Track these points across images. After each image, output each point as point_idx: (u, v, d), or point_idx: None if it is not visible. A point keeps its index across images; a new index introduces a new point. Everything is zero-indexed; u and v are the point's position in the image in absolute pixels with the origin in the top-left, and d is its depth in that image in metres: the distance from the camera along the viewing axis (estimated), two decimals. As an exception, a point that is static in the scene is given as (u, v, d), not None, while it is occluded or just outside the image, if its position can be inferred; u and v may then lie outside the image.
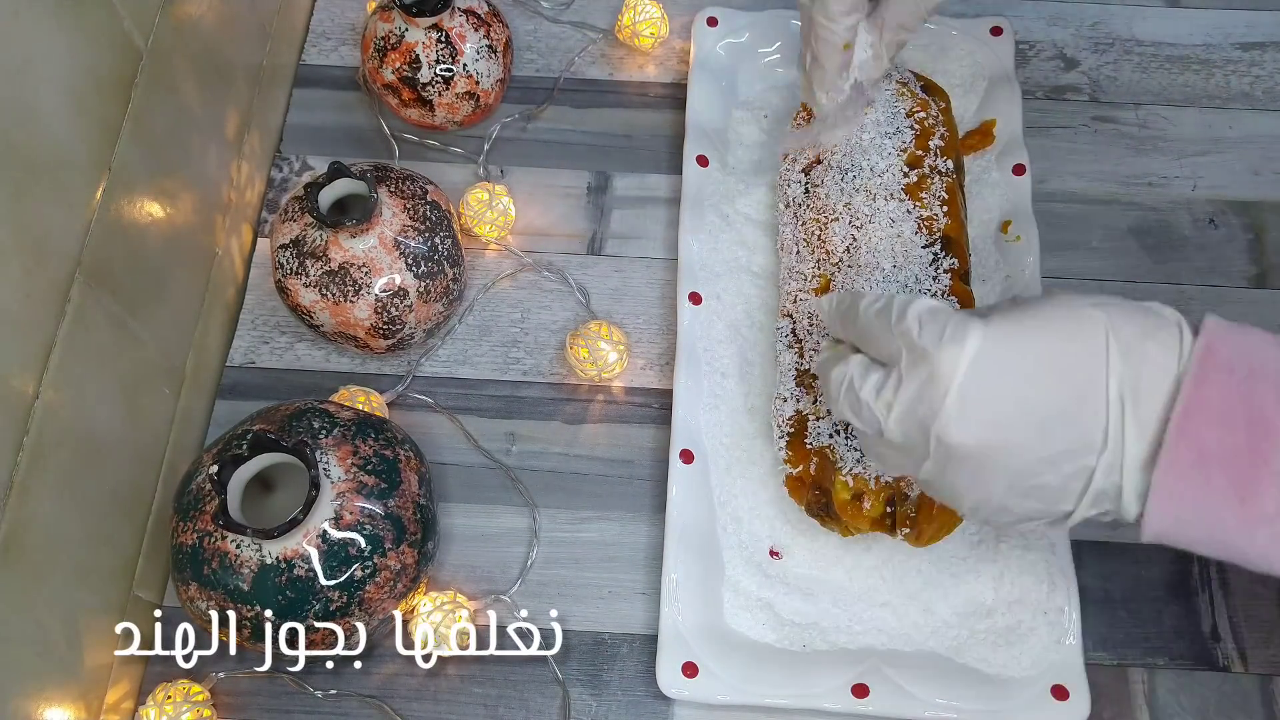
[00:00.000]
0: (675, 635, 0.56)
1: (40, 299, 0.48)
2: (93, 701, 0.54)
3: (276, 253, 0.61)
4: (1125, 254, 0.70)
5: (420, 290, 0.61)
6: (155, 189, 0.58)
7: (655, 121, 0.74)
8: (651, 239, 0.71)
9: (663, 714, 0.58)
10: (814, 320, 0.59)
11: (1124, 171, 0.72)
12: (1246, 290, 0.69)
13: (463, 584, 0.60)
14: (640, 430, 0.65)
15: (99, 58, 0.52)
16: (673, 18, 0.76)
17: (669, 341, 0.67)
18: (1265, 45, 0.77)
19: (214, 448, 0.54)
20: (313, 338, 0.67)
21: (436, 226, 0.61)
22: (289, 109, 0.75)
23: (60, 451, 0.50)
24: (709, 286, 0.66)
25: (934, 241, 0.58)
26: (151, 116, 0.57)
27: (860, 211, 0.59)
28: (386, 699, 0.58)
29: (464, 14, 0.68)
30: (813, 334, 0.59)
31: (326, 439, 0.53)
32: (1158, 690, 0.58)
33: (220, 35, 0.65)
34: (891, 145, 0.60)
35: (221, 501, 0.48)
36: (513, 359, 0.67)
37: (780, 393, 0.59)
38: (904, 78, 0.64)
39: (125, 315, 0.55)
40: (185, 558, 0.51)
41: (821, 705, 0.55)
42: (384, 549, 0.52)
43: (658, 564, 0.59)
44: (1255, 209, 0.71)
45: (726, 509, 0.61)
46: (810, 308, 0.59)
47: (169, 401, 0.61)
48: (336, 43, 0.78)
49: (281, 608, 0.50)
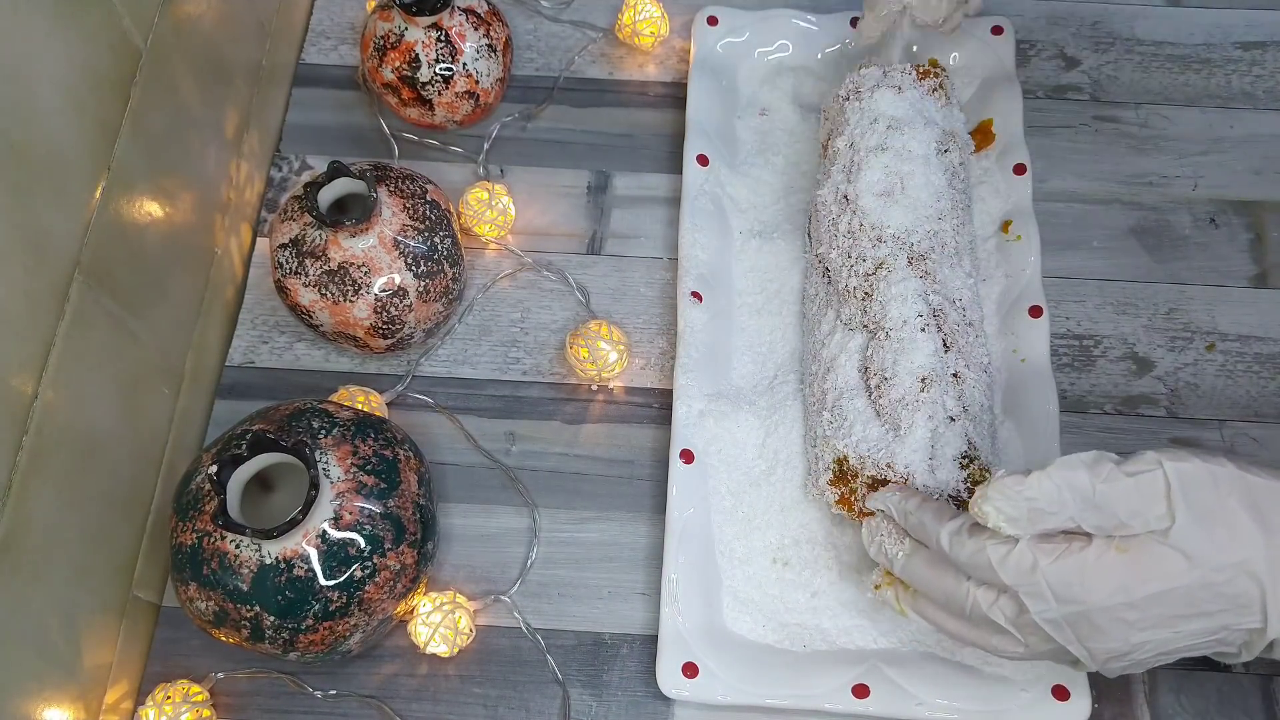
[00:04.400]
0: (675, 635, 0.56)
1: (39, 299, 0.48)
2: (92, 701, 0.54)
3: (276, 252, 0.61)
4: (1126, 254, 0.70)
5: (420, 290, 0.61)
6: (154, 188, 0.58)
7: (655, 121, 0.74)
8: (651, 238, 0.71)
9: (663, 714, 0.58)
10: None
11: (1125, 171, 0.72)
12: (1247, 290, 0.68)
13: (462, 584, 0.60)
14: (640, 430, 0.65)
15: (98, 57, 0.52)
16: (673, 17, 0.76)
17: (669, 341, 0.67)
18: (1266, 44, 0.77)
19: (213, 448, 0.54)
20: (312, 337, 0.67)
21: (436, 226, 0.61)
22: (288, 108, 0.75)
23: (59, 451, 0.50)
24: (710, 286, 0.66)
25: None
26: (151, 116, 0.57)
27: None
28: (386, 699, 0.58)
29: (464, 13, 0.68)
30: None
31: (326, 439, 0.53)
32: (1158, 690, 0.58)
33: (219, 34, 0.65)
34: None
35: (221, 501, 0.48)
36: (512, 359, 0.67)
37: (825, 432, 0.58)
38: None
39: (124, 315, 0.55)
40: (184, 558, 0.51)
41: (822, 705, 0.55)
42: (384, 549, 0.52)
43: (658, 564, 0.59)
44: (1256, 209, 0.71)
45: (728, 510, 0.61)
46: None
47: (168, 401, 0.61)
48: (336, 42, 0.77)
49: (281, 608, 0.50)
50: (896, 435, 0.54)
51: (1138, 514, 0.42)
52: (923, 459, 0.53)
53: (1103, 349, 0.67)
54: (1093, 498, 0.42)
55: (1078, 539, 0.43)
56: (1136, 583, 0.42)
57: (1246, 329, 0.67)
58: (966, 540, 0.46)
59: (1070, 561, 0.42)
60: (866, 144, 0.61)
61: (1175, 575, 0.41)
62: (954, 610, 0.47)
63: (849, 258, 0.60)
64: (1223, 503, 0.42)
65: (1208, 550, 0.41)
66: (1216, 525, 0.41)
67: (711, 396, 0.63)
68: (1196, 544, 0.41)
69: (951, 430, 0.54)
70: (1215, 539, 0.41)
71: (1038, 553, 0.43)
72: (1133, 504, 0.42)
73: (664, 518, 0.59)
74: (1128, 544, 0.42)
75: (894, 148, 0.61)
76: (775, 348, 0.66)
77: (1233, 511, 0.41)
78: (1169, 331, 0.67)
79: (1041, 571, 0.43)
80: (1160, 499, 0.42)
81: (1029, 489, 0.43)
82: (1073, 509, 0.42)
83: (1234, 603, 0.41)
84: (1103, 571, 0.42)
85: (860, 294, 0.59)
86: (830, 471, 0.56)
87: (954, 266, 0.60)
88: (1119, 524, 0.42)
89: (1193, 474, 0.42)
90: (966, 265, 0.61)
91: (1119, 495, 0.42)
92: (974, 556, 0.45)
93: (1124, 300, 0.68)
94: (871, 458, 0.54)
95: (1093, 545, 0.43)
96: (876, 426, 0.56)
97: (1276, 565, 0.41)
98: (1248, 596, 0.41)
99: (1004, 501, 0.43)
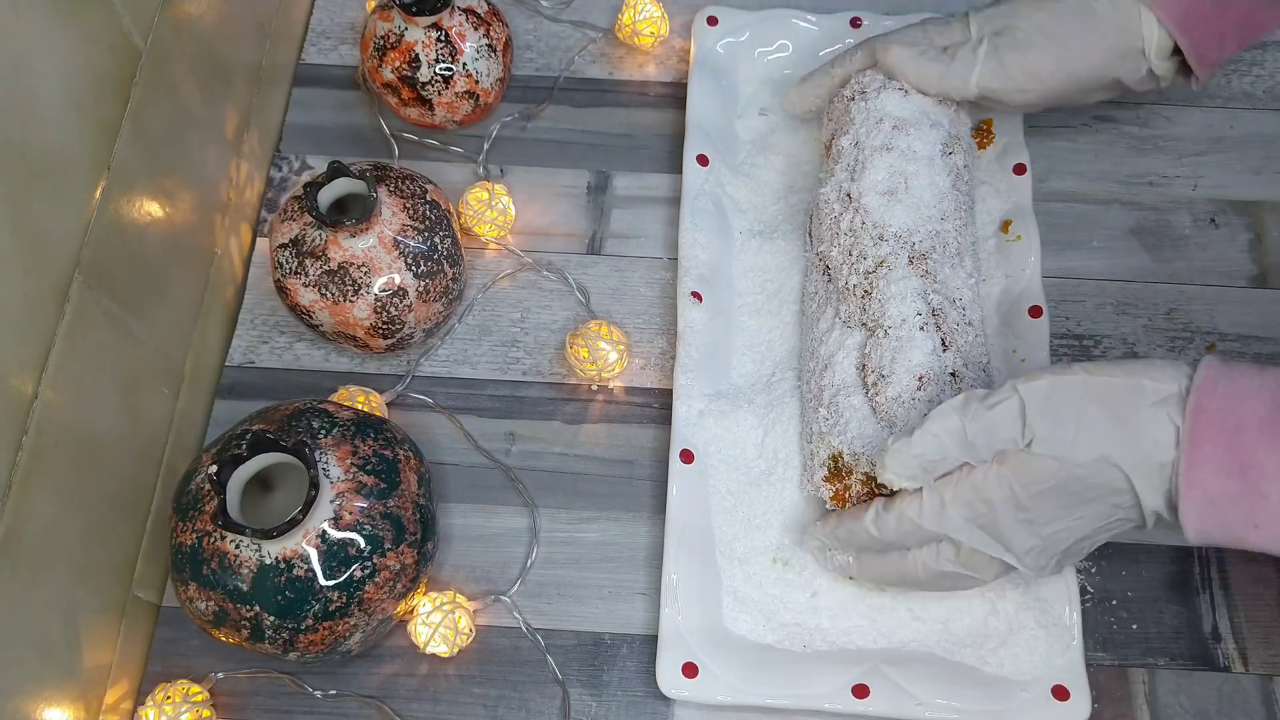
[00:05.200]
0: (675, 635, 0.56)
1: (39, 299, 0.48)
2: (92, 701, 0.54)
3: (276, 252, 0.61)
4: (1126, 254, 0.69)
5: (420, 290, 0.61)
6: (154, 188, 0.58)
7: (655, 121, 0.74)
8: (651, 238, 0.71)
9: (663, 714, 0.58)
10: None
11: (1125, 171, 0.72)
12: (1246, 290, 0.68)
13: (462, 584, 0.60)
14: (640, 430, 0.65)
15: (98, 57, 0.52)
16: (673, 17, 0.76)
17: (669, 341, 0.67)
18: (1266, 44, 0.77)
19: (213, 448, 0.54)
20: (312, 337, 0.67)
21: (436, 226, 0.61)
22: (288, 108, 0.75)
23: (59, 451, 0.50)
24: (710, 286, 0.66)
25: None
26: (150, 116, 0.57)
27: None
28: (386, 699, 0.58)
29: (463, 13, 0.68)
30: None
31: (326, 439, 0.53)
32: (1158, 690, 0.58)
33: (219, 34, 0.65)
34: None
35: (221, 501, 0.48)
36: (512, 359, 0.67)
37: (820, 429, 0.59)
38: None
39: (124, 315, 0.55)
40: (184, 558, 0.51)
41: (821, 706, 0.55)
42: (383, 549, 0.52)
43: (658, 564, 0.59)
44: (1256, 209, 0.71)
45: (728, 510, 0.61)
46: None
47: (168, 401, 0.61)
48: (336, 42, 0.77)
49: (281, 608, 0.50)
50: (892, 433, 0.54)
51: (1006, 440, 0.48)
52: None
53: (1103, 349, 0.67)
54: (966, 437, 0.48)
55: (968, 466, 0.49)
56: (1020, 487, 0.48)
57: (1246, 329, 0.67)
58: (886, 516, 0.52)
59: (965, 484, 0.49)
60: (871, 143, 0.61)
61: (1049, 476, 0.47)
62: (914, 580, 0.53)
63: (850, 255, 0.60)
64: (1075, 406, 0.47)
65: (1068, 450, 0.46)
66: (1071, 428, 0.47)
67: (711, 396, 0.63)
68: (1058, 447, 0.47)
69: None
70: (1073, 439, 0.46)
71: (941, 491, 0.50)
72: (999, 432, 0.48)
73: (664, 518, 0.59)
74: (1004, 458, 0.48)
75: (899, 148, 0.61)
76: (775, 347, 0.66)
77: (1085, 412, 0.47)
78: (1169, 331, 0.67)
79: (947, 505, 0.49)
80: (1018, 419, 0.47)
81: (914, 446, 0.49)
82: (955, 452, 0.49)
83: (1108, 489, 0.47)
84: (990, 484, 0.48)
85: (860, 292, 0.59)
86: (825, 468, 0.57)
87: (955, 267, 0.60)
88: (995, 452, 0.48)
89: (1044, 389, 0.47)
90: (968, 266, 0.61)
91: (986, 428, 0.48)
92: (899, 525, 0.51)
93: (1124, 300, 0.68)
94: (867, 455, 0.54)
95: (979, 467, 0.49)
96: (873, 424, 0.56)
97: (1131, 448, 0.46)
98: (1117, 481, 0.47)
99: (898, 464, 0.50)
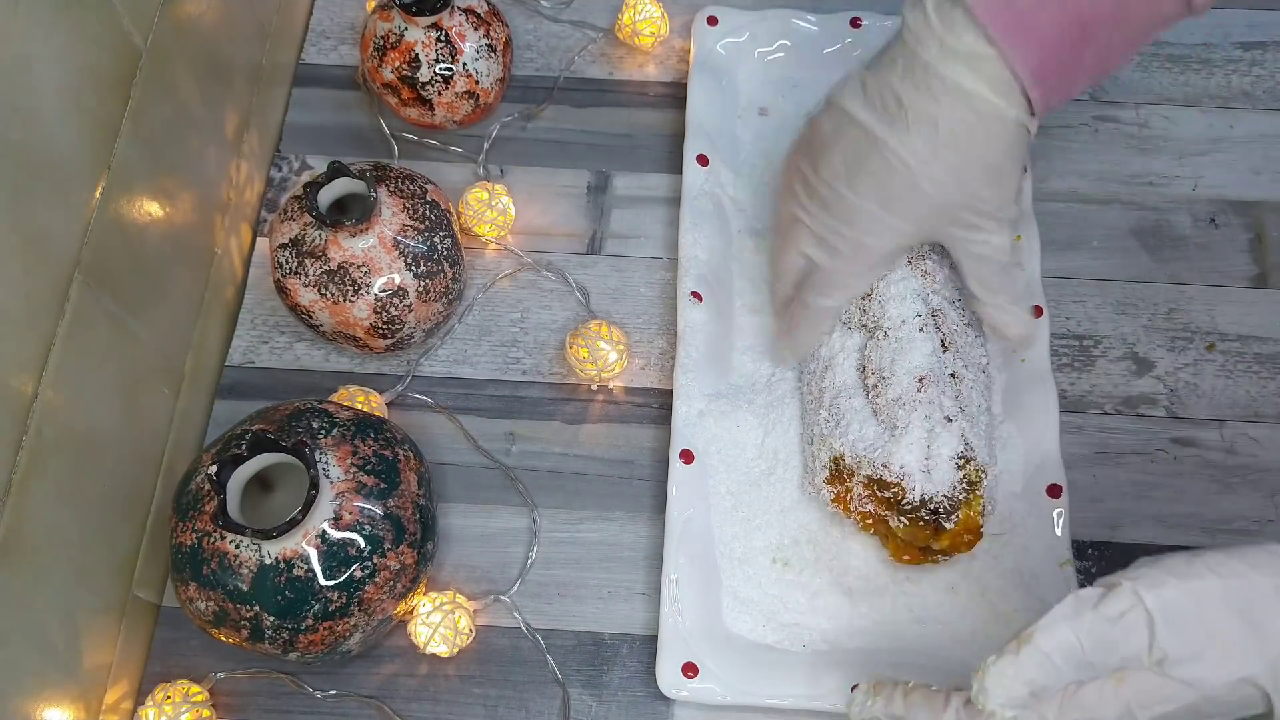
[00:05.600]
0: (675, 635, 0.56)
1: (39, 299, 0.48)
2: (92, 701, 0.54)
3: (276, 252, 0.61)
4: (1126, 254, 0.70)
5: (419, 290, 0.61)
6: (154, 188, 0.58)
7: (655, 121, 0.74)
8: (651, 238, 0.71)
9: (663, 714, 0.58)
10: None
11: (1125, 171, 0.72)
12: (1247, 290, 0.68)
13: (462, 584, 0.60)
14: (640, 430, 0.65)
15: (98, 57, 0.52)
16: (673, 17, 0.76)
17: (669, 341, 0.67)
18: (1266, 44, 0.77)
19: (213, 448, 0.54)
20: (312, 337, 0.67)
21: (436, 226, 0.61)
22: (288, 108, 0.75)
23: (59, 451, 0.50)
24: (709, 286, 0.66)
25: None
26: (150, 116, 0.57)
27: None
28: (386, 699, 0.58)
29: (463, 13, 0.68)
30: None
31: (326, 439, 0.53)
32: (1158, 691, 0.58)
33: (219, 34, 0.65)
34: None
35: (221, 501, 0.48)
36: (512, 359, 0.67)
37: (821, 430, 0.59)
38: None
39: (124, 315, 0.55)
40: (184, 558, 0.51)
41: (821, 705, 0.55)
42: (383, 549, 0.52)
43: (658, 564, 0.59)
44: (1256, 209, 0.71)
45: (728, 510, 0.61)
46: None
47: (168, 401, 0.61)
48: (336, 42, 0.77)
49: (281, 608, 0.50)
50: (893, 435, 0.54)
51: (1129, 658, 0.42)
52: (918, 459, 0.53)
53: (1103, 349, 0.67)
54: (1084, 657, 0.42)
55: (1075, 683, 0.43)
56: (1139, 707, 0.42)
57: (1246, 329, 0.67)
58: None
59: (1071, 705, 0.42)
60: None
61: (1176, 698, 0.41)
62: None
63: None
64: (1211, 621, 0.41)
65: (1204, 673, 0.41)
66: (1210, 648, 0.41)
67: (711, 396, 0.63)
68: (1192, 671, 0.41)
69: (948, 430, 0.54)
70: (1211, 662, 0.41)
71: (1042, 712, 0.43)
72: (1121, 650, 0.41)
73: (664, 518, 0.59)
74: (1123, 676, 0.42)
75: None
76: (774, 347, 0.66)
77: (1226, 627, 0.41)
78: (1169, 331, 0.67)
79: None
80: (1145, 635, 0.41)
81: (1024, 670, 0.42)
82: (1069, 674, 0.42)
83: (1242, 704, 0.41)
84: (1104, 704, 0.42)
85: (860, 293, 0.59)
86: (826, 470, 0.57)
87: (955, 267, 0.60)
88: (1113, 670, 0.42)
89: (1175, 601, 0.41)
90: None
91: (1105, 645, 0.41)
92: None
93: (1124, 300, 0.68)
94: (868, 457, 0.54)
95: (1090, 683, 0.42)
96: (873, 425, 0.56)
97: (1275, 664, 0.40)
98: (1252, 699, 0.41)
99: (1000, 689, 0.43)
